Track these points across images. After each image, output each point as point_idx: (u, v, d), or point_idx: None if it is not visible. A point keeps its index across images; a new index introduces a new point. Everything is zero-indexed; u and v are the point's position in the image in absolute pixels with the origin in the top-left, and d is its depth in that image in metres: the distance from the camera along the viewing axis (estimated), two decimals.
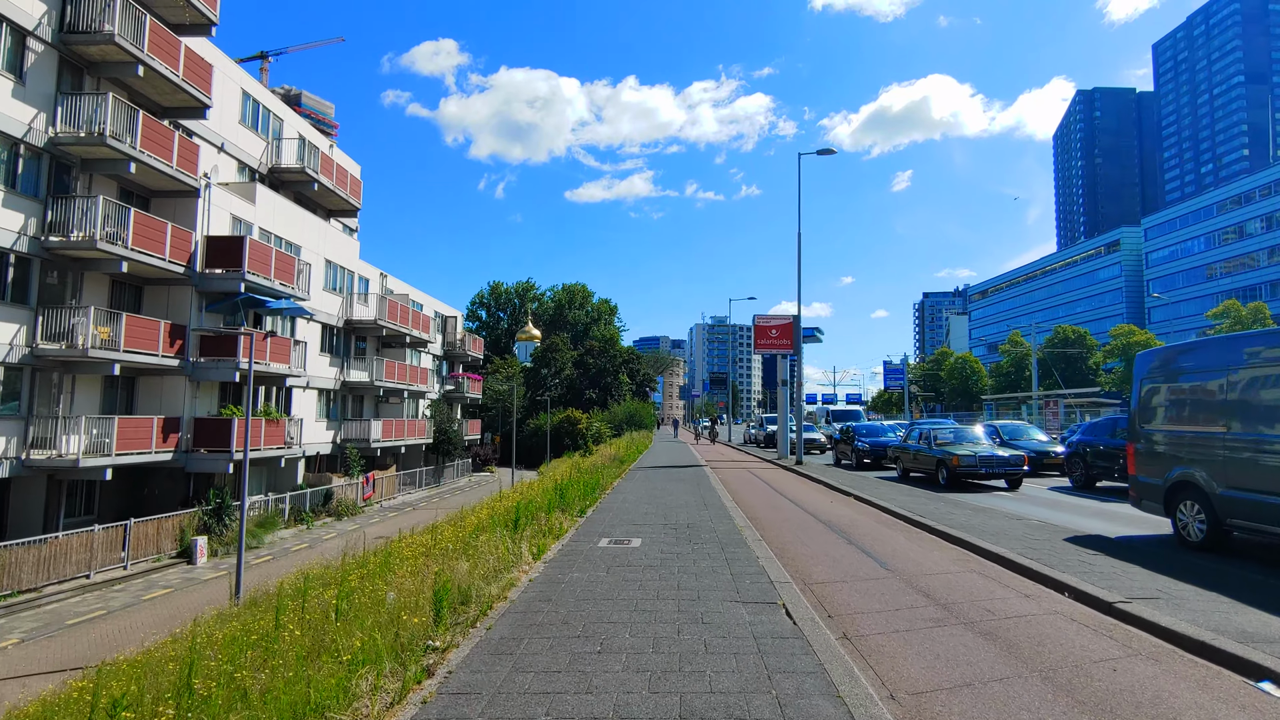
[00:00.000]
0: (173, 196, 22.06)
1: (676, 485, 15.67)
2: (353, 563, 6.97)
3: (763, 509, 12.12)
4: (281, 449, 24.67)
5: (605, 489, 14.15)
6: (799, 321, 22.98)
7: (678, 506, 11.54)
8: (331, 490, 29.20)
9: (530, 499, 10.04)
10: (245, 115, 26.47)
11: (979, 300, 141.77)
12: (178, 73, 20.80)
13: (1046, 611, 5.71)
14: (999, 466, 15.53)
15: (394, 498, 35.79)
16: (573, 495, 10.57)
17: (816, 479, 18.03)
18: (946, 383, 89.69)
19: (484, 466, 56.58)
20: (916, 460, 17.85)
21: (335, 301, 31.32)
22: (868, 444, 22.44)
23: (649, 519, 10.04)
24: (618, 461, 19.50)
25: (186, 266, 21.52)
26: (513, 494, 14.26)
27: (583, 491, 11.55)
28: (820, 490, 15.95)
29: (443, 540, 7.33)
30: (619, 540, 8.35)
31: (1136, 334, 65.42)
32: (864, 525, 10.38)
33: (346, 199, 32.05)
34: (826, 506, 12.74)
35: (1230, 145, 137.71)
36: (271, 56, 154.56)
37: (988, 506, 12.27)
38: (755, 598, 5.76)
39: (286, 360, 24.80)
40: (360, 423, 32.49)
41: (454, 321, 48.43)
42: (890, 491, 14.82)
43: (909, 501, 12.77)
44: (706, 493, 13.99)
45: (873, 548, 8.50)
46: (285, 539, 24.71)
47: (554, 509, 9.73)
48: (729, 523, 9.72)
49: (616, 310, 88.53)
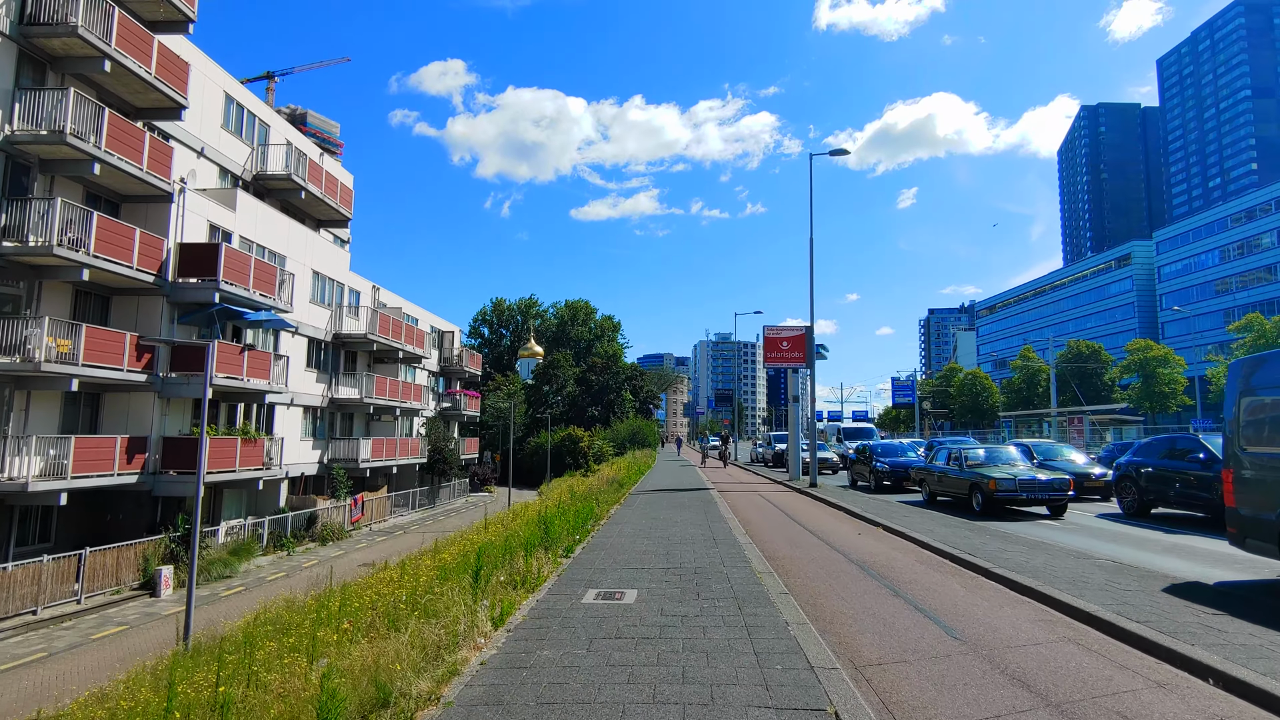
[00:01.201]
0: (144, 202, 20.75)
1: (681, 513, 14.05)
2: (232, 643, 5.35)
3: (781, 544, 10.51)
4: (259, 470, 23.11)
5: (601, 519, 12.53)
6: (811, 333, 21.40)
7: (683, 541, 9.93)
8: (316, 513, 27.59)
9: (508, 534, 8.47)
10: (228, 120, 25.27)
11: (986, 316, 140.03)
12: (149, 70, 19.57)
13: (1207, 718, 4.09)
14: (1041, 491, 13.88)
15: (385, 520, 34.11)
16: (560, 529, 8.98)
17: (835, 504, 16.37)
18: (956, 399, 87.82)
19: (483, 486, 54.85)
20: (945, 483, 16.21)
21: (323, 314, 29.93)
22: (887, 464, 20.78)
23: (648, 560, 8.44)
24: (616, 485, 17.79)
25: (157, 275, 20.14)
26: (494, 523, 12.68)
27: (573, 523, 9.96)
28: (842, 518, 14.29)
29: (385, 596, 5.74)
30: (609, 593, 6.73)
31: (1154, 349, 63.57)
32: (905, 567, 8.75)
33: (336, 208, 30.78)
34: (854, 540, 11.11)
35: (1238, 160, 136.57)
36: (278, 76, 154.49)
37: (1041, 540, 10.63)
38: (792, 697, 4.15)
39: (266, 375, 23.33)
40: (349, 442, 30.93)
41: (451, 337, 47.02)
42: (921, 520, 13.17)
43: (947, 534, 11.13)
44: (715, 522, 12.37)
45: (927, 602, 6.86)
46: (262, 567, 23.07)
47: (535, 547, 8.15)
48: (744, 566, 8.10)
49: (620, 327, 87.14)
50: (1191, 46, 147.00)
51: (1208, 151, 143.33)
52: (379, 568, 12.42)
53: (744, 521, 13.24)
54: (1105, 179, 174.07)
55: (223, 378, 21.15)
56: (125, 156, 18.73)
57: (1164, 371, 61.54)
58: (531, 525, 8.86)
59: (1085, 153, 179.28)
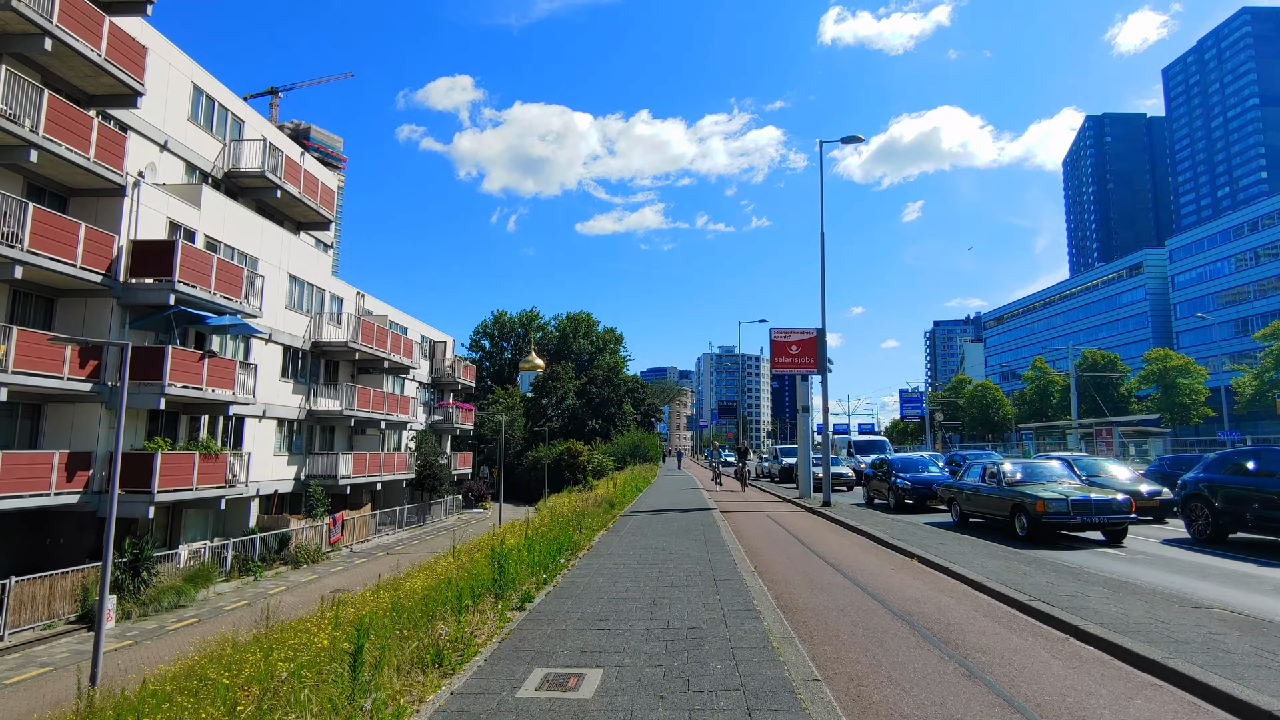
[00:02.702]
0: (95, 196, 19.06)
1: (678, 541, 12.06)
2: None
3: (800, 586, 8.53)
4: (221, 488, 21.20)
5: (581, 549, 10.56)
6: (823, 336, 19.45)
7: (676, 584, 7.97)
8: (289, 534, 25.64)
9: (446, 579, 6.54)
10: (196, 112, 23.64)
11: (994, 327, 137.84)
12: (99, 51, 17.95)
13: None
14: (1098, 513, 11.88)
15: (368, 540, 32.13)
16: (518, 569, 7.04)
17: (855, 527, 14.37)
18: (965, 411, 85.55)
19: (478, 503, 52.82)
20: (979, 503, 14.23)
21: (301, 321, 28.16)
22: (909, 481, 18.79)
23: (628, 613, 6.47)
24: (606, 505, 15.71)
25: (106, 275, 18.39)
26: (466, 551, 10.74)
27: (541, 558, 8.01)
28: (867, 547, 12.30)
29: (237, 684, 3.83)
30: (561, 677, 4.59)
31: (1173, 358, 61.34)
32: (964, 621, 6.77)
33: (315, 209, 29.10)
34: (887, 578, 9.13)
35: (1248, 168, 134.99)
36: (282, 92, 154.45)
37: (1116, 576, 8.63)
38: None
39: (230, 385, 21.50)
40: (327, 457, 29.03)
41: (443, 347, 45.21)
42: (959, 548, 11.18)
43: (1000, 569, 9.15)
44: (717, 554, 10.39)
45: (1019, 687, 4.76)
46: (223, 594, 21.11)
47: (482, 594, 6.22)
48: (754, 624, 6.12)
49: (622, 339, 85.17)
50: (1198, 55, 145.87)
51: (1216, 160, 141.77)
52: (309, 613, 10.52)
53: (751, 552, 11.25)
54: (1112, 189, 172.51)
55: (179, 387, 19.32)
56: (69, 144, 17.05)
57: (1184, 382, 59.29)
58: (480, 565, 6.92)
59: (1091, 163, 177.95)
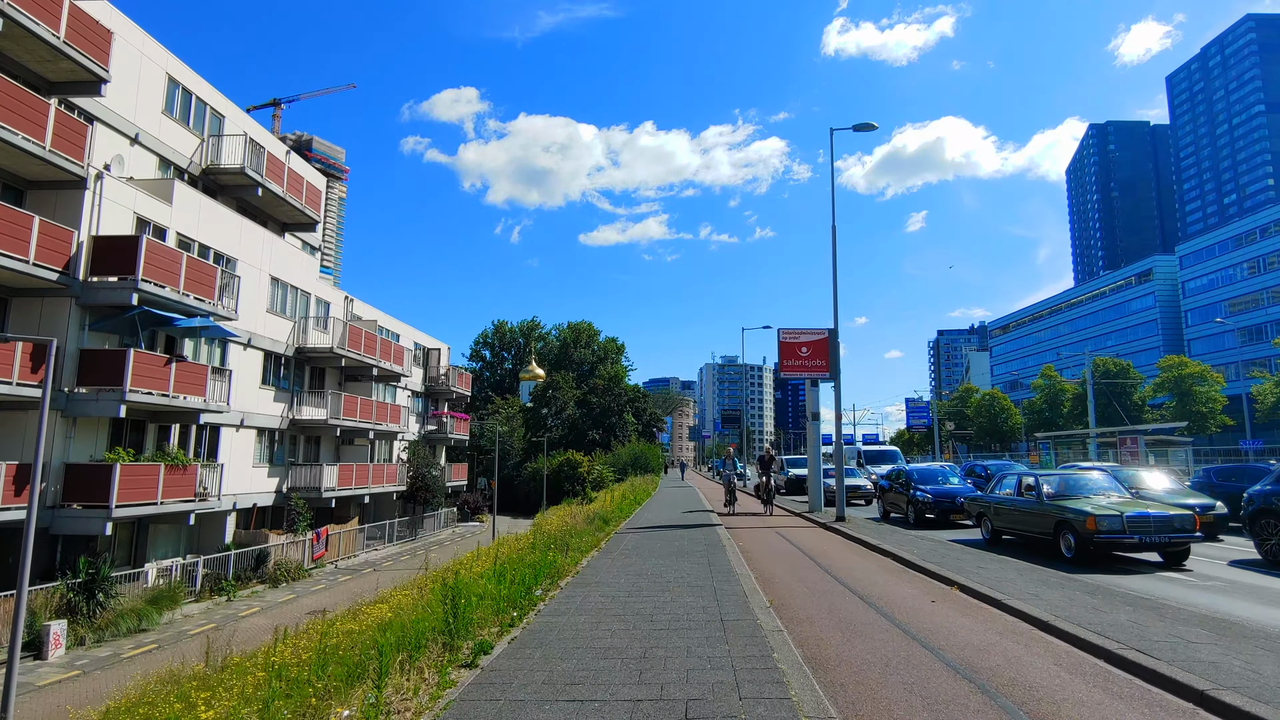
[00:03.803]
0: (54, 188, 17.80)
1: (677, 565, 10.59)
2: None
3: (828, 628, 7.04)
4: (190, 502, 19.79)
5: (565, 575, 9.10)
6: (835, 336, 18.03)
7: (674, 626, 6.49)
8: (267, 551, 24.17)
9: (381, 623, 5.12)
10: (172, 105, 22.44)
11: (1000, 336, 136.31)
12: (56, 33, 16.75)
13: None
14: (1159, 532, 10.41)
15: (355, 555, 30.63)
16: (481, 609, 5.60)
17: (878, 547, 12.90)
18: (973, 421, 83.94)
19: (474, 515, 51.28)
20: (1014, 519, 12.78)
21: (283, 326, 26.83)
22: (930, 494, 17.32)
23: (610, 676, 4.92)
24: (600, 521, 14.16)
25: (63, 273, 17.09)
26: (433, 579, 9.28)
27: (511, 592, 6.58)
28: (897, 572, 10.82)
29: None
30: None
31: (1189, 366, 59.75)
32: (1048, 682, 5.30)
33: (301, 209, 27.86)
34: (932, 615, 7.66)
35: (1254, 175, 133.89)
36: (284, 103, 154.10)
37: (1211, 612, 7.17)
38: None
39: (201, 391, 20.12)
40: (311, 468, 27.61)
41: (437, 354, 43.87)
42: (1004, 572, 9.71)
43: (1061, 601, 7.70)
44: (724, 583, 8.92)
45: None
46: (191, 616, 19.63)
47: (424, 647, 4.81)
48: (780, 696, 4.52)
49: (624, 349, 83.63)
50: (1202, 63, 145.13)
51: (1222, 168, 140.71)
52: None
53: (763, 579, 9.77)
54: (1116, 197, 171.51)
55: (142, 393, 17.95)
56: (23, 131, 15.80)
57: (1200, 390, 57.67)
58: (424, 611, 5.41)
59: (1095, 171, 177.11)
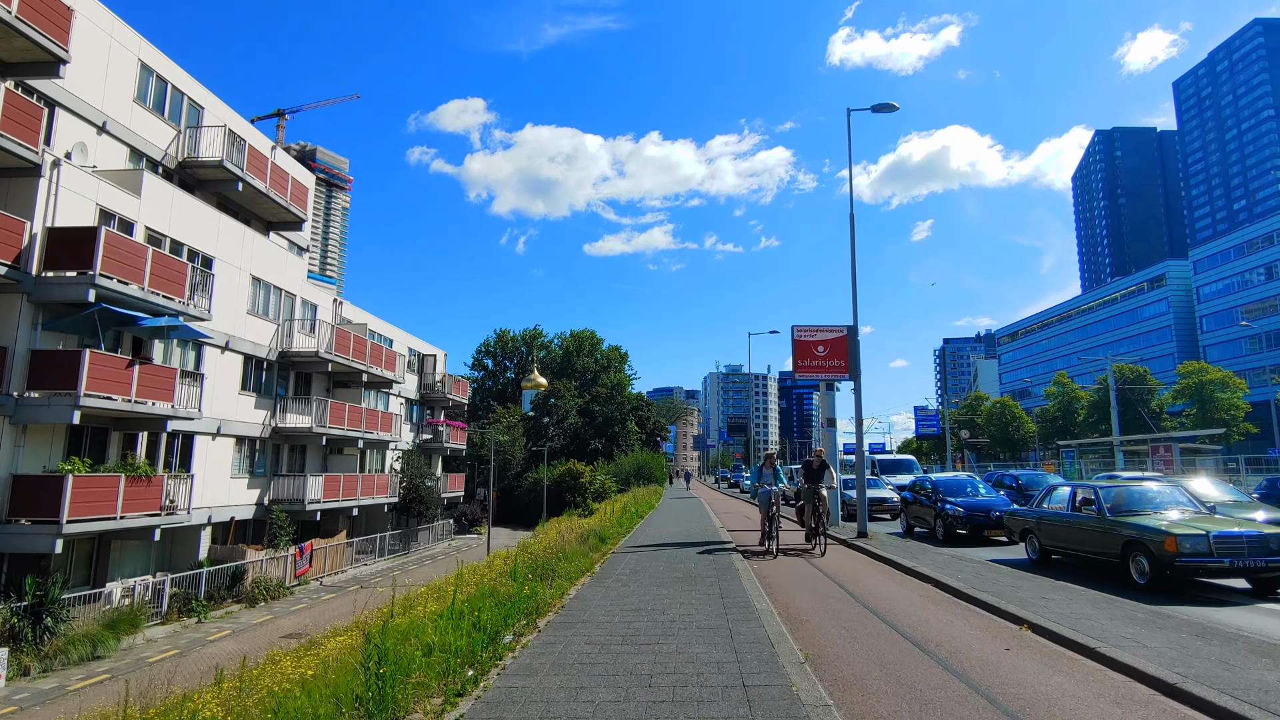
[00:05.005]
0: (6, 176, 16.43)
1: (683, 597, 8.93)
2: None
3: (889, 696, 5.31)
4: (156, 515, 18.27)
5: (548, 610, 7.52)
6: (855, 334, 16.54)
7: (679, 695, 4.79)
8: (244, 567, 22.61)
9: (280, 694, 3.59)
10: (145, 94, 21.12)
11: (1008, 343, 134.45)
12: (9, 8, 15.42)
13: None
14: (1252, 554, 8.82)
15: (342, 571, 29.03)
16: (424, 669, 4.06)
17: (913, 570, 11.28)
18: (985, 429, 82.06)
19: (472, 527, 49.66)
20: (1069, 536, 11.18)
21: (266, 328, 25.40)
22: (961, 507, 15.71)
23: None
24: (596, 540, 12.48)
25: (13, 266, 15.69)
26: (342, 636, 7.69)
27: (470, 641, 5.03)
28: (943, 603, 9.21)
29: None
30: None
31: (1210, 372, 57.92)
32: None
33: (285, 206, 26.51)
34: (1012, 668, 6.06)
35: (1264, 180, 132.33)
36: (289, 114, 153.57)
37: None
38: None
39: (169, 397, 18.65)
40: (295, 479, 26.08)
41: (433, 360, 42.41)
42: (1077, 606, 8.11)
43: (1172, 649, 6.12)
44: (741, 624, 7.26)
45: None
46: (154, 641, 18.06)
47: None
48: None
49: (627, 357, 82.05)
50: (1209, 68, 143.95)
51: (1231, 173, 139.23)
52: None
53: (790, 617, 8.11)
54: (1123, 204, 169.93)
55: (99, 397, 16.50)
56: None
57: (1222, 396, 55.81)
58: (343, 672, 3.90)
59: (1101, 178, 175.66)
